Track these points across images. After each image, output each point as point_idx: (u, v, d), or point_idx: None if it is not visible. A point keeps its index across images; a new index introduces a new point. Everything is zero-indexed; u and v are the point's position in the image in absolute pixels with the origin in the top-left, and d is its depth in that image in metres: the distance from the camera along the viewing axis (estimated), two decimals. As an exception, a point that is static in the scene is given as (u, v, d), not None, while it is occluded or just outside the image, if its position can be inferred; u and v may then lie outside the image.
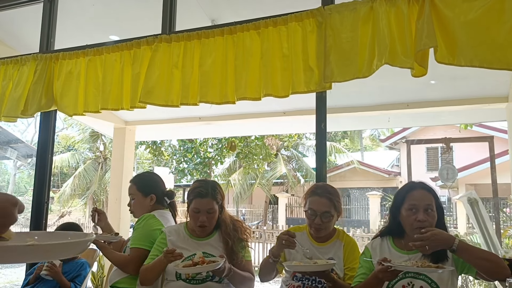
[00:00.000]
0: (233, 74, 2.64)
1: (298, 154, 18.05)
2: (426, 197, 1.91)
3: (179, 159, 15.72)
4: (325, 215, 2.12)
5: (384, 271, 1.75)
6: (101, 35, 3.68)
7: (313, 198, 2.17)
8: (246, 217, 19.75)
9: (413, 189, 1.96)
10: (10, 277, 9.51)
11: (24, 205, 0.95)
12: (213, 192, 2.19)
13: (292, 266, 2.03)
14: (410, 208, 1.91)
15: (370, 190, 17.62)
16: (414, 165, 9.03)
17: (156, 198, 2.50)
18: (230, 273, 2.06)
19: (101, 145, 17.08)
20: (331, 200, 2.15)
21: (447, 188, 8.36)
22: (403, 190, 2.00)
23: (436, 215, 1.91)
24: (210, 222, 2.18)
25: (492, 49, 2.04)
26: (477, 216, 4.56)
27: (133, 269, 2.27)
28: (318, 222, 2.12)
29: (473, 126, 11.40)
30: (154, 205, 2.50)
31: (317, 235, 2.17)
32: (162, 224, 2.35)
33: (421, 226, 1.85)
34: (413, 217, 1.89)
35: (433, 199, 1.92)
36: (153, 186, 2.53)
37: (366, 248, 2.06)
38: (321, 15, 2.47)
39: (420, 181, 2.03)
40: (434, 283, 1.81)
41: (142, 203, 2.49)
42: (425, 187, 1.97)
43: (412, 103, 4.88)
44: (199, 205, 2.16)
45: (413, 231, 1.88)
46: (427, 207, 1.89)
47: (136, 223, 2.40)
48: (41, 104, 3.22)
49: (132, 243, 2.33)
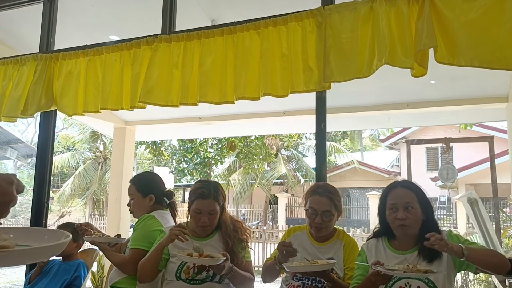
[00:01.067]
0: (232, 74, 2.64)
1: (298, 154, 18.04)
2: (405, 195, 1.93)
3: (179, 159, 15.72)
4: (326, 214, 2.12)
5: (376, 275, 1.75)
6: (101, 35, 3.68)
7: (313, 197, 2.17)
8: (246, 217, 19.75)
9: (394, 188, 1.98)
10: (10, 277, 9.51)
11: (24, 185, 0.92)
12: (215, 193, 2.19)
13: (292, 267, 2.03)
14: (391, 207, 1.94)
15: (370, 190, 17.60)
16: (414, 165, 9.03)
17: (155, 198, 2.49)
18: (231, 273, 2.06)
19: (101, 145, 17.08)
20: (332, 199, 2.15)
21: (447, 188, 8.36)
22: (385, 191, 2.02)
23: (418, 212, 1.91)
24: (212, 222, 2.19)
25: (492, 49, 2.04)
26: (477, 216, 4.55)
27: (133, 270, 2.27)
28: (319, 221, 2.12)
29: (473, 126, 11.40)
30: (154, 205, 2.49)
31: (318, 234, 2.17)
32: (162, 225, 2.34)
33: (401, 224, 1.88)
34: (393, 215, 1.91)
35: (414, 196, 1.93)
36: (152, 186, 2.53)
37: (362, 249, 2.06)
38: (321, 15, 2.47)
39: (404, 179, 2.05)
40: (431, 282, 1.81)
41: (141, 203, 2.49)
42: (406, 185, 1.99)
43: (412, 103, 4.88)
44: (200, 206, 2.16)
45: (396, 230, 1.92)
46: (406, 205, 1.90)
47: (136, 224, 2.40)
48: (40, 104, 3.22)
49: (131, 243, 2.33)
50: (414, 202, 1.91)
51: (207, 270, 2.12)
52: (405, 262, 1.88)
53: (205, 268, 2.12)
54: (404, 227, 1.89)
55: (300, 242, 2.21)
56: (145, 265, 2.14)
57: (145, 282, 2.19)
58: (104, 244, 2.40)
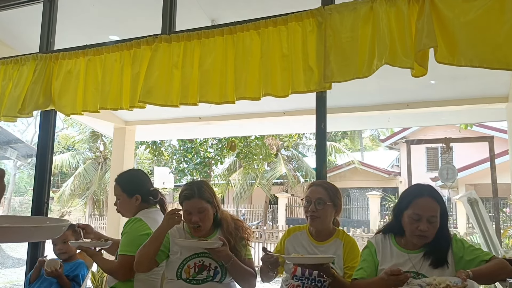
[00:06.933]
0: (232, 74, 2.64)
1: (298, 154, 18.03)
2: (431, 208, 1.89)
3: (179, 159, 15.72)
4: (319, 201, 2.16)
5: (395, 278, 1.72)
6: (101, 35, 3.68)
7: (310, 188, 2.26)
8: (246, 217, 19.73)
9: (420, 197, 1.92)
10: (10, 277, 9.51)
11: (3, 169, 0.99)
12: (199, 192, 2.19)
13: (291, 258, 2.06)
14: (414, 217, 1.89)
15: (370, 190, 17.61)
16: (414, 165, 9.04)
17: (141, 198, 2.43)
18: (231, 260, 2.08)
19: (101, 145, 17.09)
20: (326, 190, 2.20)
21: (447, 188, 8.36)
22: (410, 195, 1.97)
23: (438, 224, 1.89)
24: (204, 220, 2.18)
25: (492, 49, 2.04)
26: (477, 216, 4.55)
27: (123, 276, 2.25)
28: (313, 209, 2.16)
29: (473, 126, 11.40)
30: (141, 204, 2.43)
31: (313, 225, 2.20)
32: (150, 228, 2.28)
33: (422, 235, 1.87)
34: (415, 225, 1.88)
35: (439, 208, 1.90)
36: (137, 185, 2.46)
37: (370, 242, 2.06)
38: (321, 15, 2.47)
39: (428, 185, 1.99)
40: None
41: (127, 204, 2.44)
42: (432, 195, 1.93)
43: (412, 103, 4.88)
44: (188, 207, 2.18)
45: (413, 237, 1.91)
46: (430, 218, 1.87)
47: (124, 228, 2.34)
48: (38, 103, 3.22)
49: (120, 249, 2.28)
50: (437, 214, 1.89)
51: (208, 270, 2.13)
52: (409, 262, 1.90)
53: (206, 268, 2.13)
54: (424, 238, 1.88)
55: (300, 241, 2.23)
56: (143, 254, 2.13)
57: (141, 271, 2.18)
58: (91, 250, 2.37)
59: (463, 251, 1.89)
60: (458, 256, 1.89)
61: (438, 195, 1.95)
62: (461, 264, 1.86)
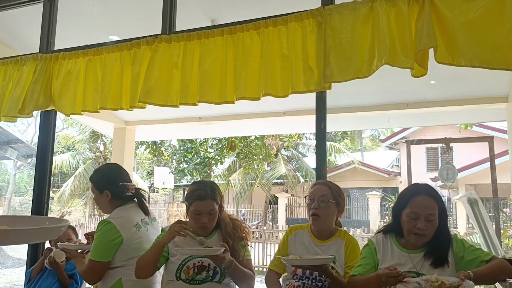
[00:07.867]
0: (232, 74, 2.63)
1: (298, 154, 18.04)
2: (428, 206, 1.89)
3: (179, 159, 15.74)
4: (322, 199, 2.17)
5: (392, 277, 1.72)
6: (101, 35, 3.68)
7: (313, 187, 2.27)
8: (246, 217, 19.74)
9: (417, 195, 1.92)
10: (10, 277, 9.52)
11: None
12: (212, 194, 2.19)
13: (289, 260, 2.06)
14: (412, 215, 1.89)
15: (370, 190, 17.63)
16: (414, 165, 9.04)
17: (111, 194, 2.34)
18: (232, 266, 2.07)
19: (101, 145, 17.08)
20: (330, 188, 2.21)
21: (447, 188, 8.36)
22: (407, 194, 1.98)
23: (437, 222, 1.89)
24: (212, 222, 2.19)
25: (492, 49, 2.04)
26: (477, 216, 4.55)
27: (91, 280, 2.24)
28: (315, 206, 2.16)
29: (473, 126, 11.40)
30: (113, 200, 2.34)
31: (315, 224, 2.20)
32: (120, 232, 2.20)
33: (420, 234, 1.87)
34: (413, 223, 1.88)
35: (437, 205, 1.90)
36: (106, 181, 2.37)
37: (370, 240, 2.06)
38: (321, 15, 2.46)
39: (426, 184, 1.99)
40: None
41: (100, 200, 2.38)
42: (429, 193, 1.93)
43: (412, 103, 4.88)
44: (199, 207, 2.16)
45: (411, 236, 1.91)
46: (428, 216, 1.87)
47: (96, 229, 2.27)
48: (38, 104, 3.21)
49: (91, 254, 2.24)
50: (435, 212, 1.89)
51: (207, 270, 2.13)
52: (410, 262, 1.90)
53: (205, 268, 2.12)
54: (423, 237, 1.88)
55: (301, 240, 2.23)
56: (144, 262, 2.13)
57: (142, 278, 2.17)
58: (74, 252, 2.35)
59: (464, 251, 1.89)
60: (459, 256, 1.89)
61: (436, 193, 1.95)
62: (461, 264, 1.86)
